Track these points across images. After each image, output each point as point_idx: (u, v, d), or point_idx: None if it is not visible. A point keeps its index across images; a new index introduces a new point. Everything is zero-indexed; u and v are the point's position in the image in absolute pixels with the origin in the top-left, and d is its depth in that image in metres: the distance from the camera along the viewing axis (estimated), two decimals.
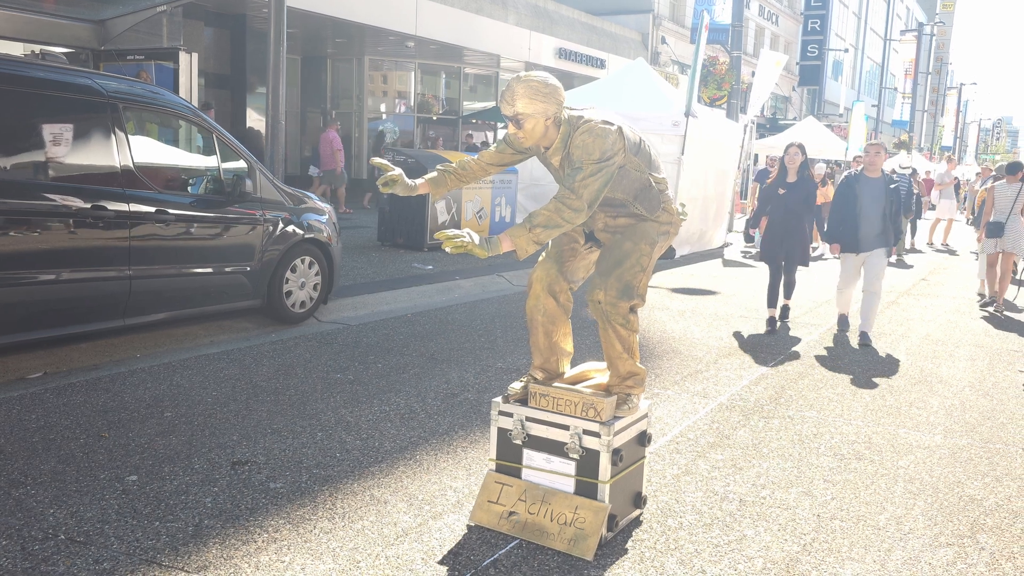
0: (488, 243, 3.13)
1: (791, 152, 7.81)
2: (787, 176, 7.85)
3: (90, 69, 6.62)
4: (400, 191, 3.61)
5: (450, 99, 23.61)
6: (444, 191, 3.72)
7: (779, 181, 7.92)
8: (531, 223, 3.17)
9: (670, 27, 31.20)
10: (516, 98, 3.19)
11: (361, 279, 9.00)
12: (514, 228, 3.19)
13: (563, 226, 3.20)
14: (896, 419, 5.28)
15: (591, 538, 3.26)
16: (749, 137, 17.26)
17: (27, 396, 4.82)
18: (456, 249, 3.08)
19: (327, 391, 5.23)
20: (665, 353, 6.73)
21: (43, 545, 3.13)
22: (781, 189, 7.85)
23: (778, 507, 3.84)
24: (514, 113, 3.23)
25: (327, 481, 3.86)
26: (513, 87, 3.21)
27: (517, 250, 3.18)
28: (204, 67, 14.76)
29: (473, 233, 3.12)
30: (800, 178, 7.80)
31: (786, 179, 7.84)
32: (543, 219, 3.17)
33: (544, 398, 3.48)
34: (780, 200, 7.82)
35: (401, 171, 3.61)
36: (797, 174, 7.83)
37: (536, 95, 3.18)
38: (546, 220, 3.17)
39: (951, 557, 3.44)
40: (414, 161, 11.61)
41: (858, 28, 54.82)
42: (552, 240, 3.56)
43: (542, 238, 3.19)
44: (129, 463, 3.94)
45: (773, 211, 7.96)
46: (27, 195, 5.13)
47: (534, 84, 3.19)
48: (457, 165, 3.67)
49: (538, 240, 3.19)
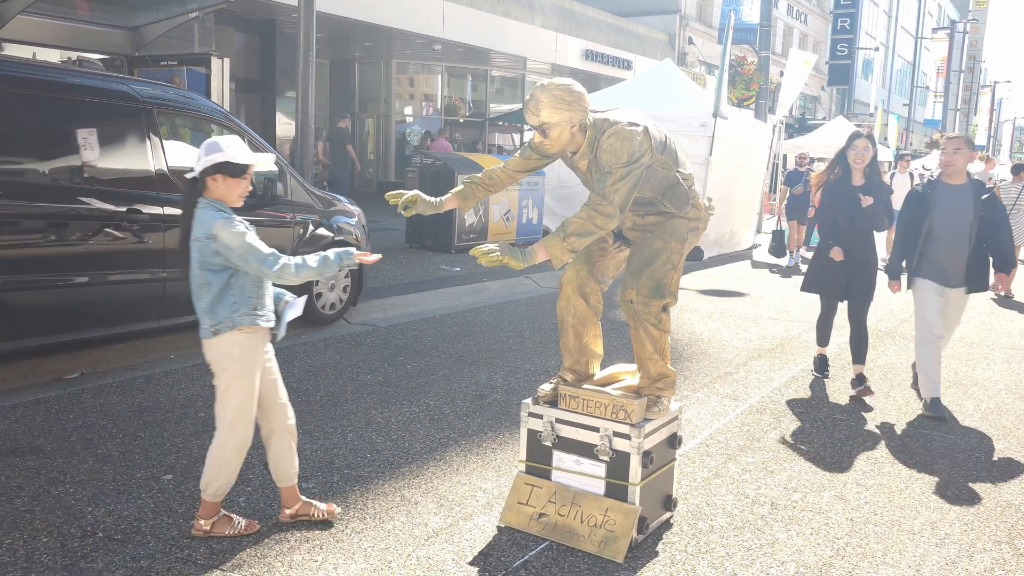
0: (523, 254, 3.14)
1: (859, 146, 5.62)
2: (851, 178, 5.68)
3: (125, 75, 6.73)
4: (424, 210, 3.56)
5: (477, 101, 23.68)
6: (472, 203, 3.69)
7: (838, 188, 5.70)
8: (565, 232, 3.17)
9: (697, 27, 31.03)
10: (541, 108, 3.20)
11: (390, 281, 9.06)
12: (548, 238, 3.20)
13: (596, 232, 3.20)
14: (931, 422, 5.21)
15: (621, 540, 3.26)
16: (778, 137, 17.11)
17: (65, 396, 4.91)
18: (491, 263, 3.10)
19: (357, 392, 5.27)
20: (694, 355, 6.69)
21: (82, 542, 3.19)
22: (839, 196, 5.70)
23: (810, 511, 3.80)
24: (539, 123, 3.23)
25: (358, 481, 3.89)
26: (537, 96, 3.21)
27: (552, 259, 3.19)
28: (235, 72, 14.92)
29: (505, 245, 3.14)
30: (870, 181, 5.64)
31: (850, 182, 5.67)
32: (576, 227, 3.17)
33: (574, 400, 3.48)
34: (843, 211, 5.64)
35: (417, 191, 3.58)
36: (865, 175, 5.65)
37: (560, 104, 3.19)
38: (579, 228, 3.17)
39: (988, 563, 3.38)
40: (441, 163, 11.66)
41: (889, 26, 54.11)
42: None
43: (576, 246, 3.20)
44: (164, 462, 4.00)
45: (826, 225, 5.82)
46: (65, 199, 5.23)
47: (558, 93, 3.19)
48: (484, 175, 3.67)
49: (572, 248, 3.20)
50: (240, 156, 3.12)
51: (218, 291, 3.11)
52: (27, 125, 5.14)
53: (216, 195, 3.14)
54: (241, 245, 3.05)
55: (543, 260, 3.19)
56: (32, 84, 5.11)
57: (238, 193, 3.17)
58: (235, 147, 3.13)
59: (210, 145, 3.13)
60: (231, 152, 3.10)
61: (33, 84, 5.12)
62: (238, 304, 3.12)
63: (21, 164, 5.16)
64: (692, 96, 13.50)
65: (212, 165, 3.08)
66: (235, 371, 3.18)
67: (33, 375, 5.27)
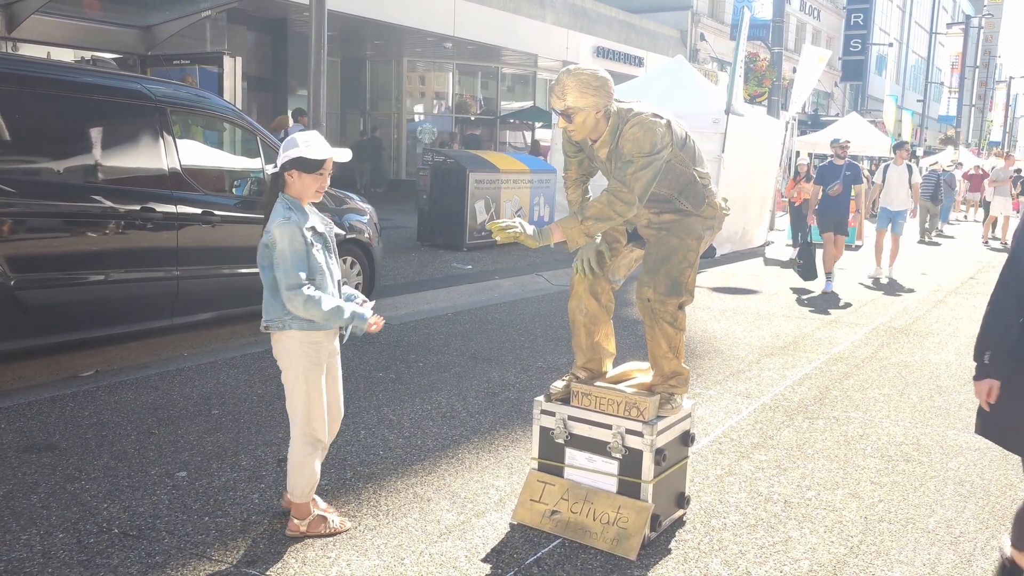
0: (539, 233, 3.16)
1: None
2: None
3: (138, 74, 6.77)
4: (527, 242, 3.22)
5: (488, 99, 23.67)
6: None
7: None
8: (583, 215, 3.18)
9: (709, 24, 30.90)
10: (567, 92, 3.18)
11: (402, 279, 9.07)
12: (565, 219, 3.21)
13: (614, 219, 3.21)
14: (945, 420, 5.17)
15: (634, 538, 3.25)
16: (790, 134, 17.03)
17: (80, 393, 4.95)
18: (507, 238, 3.12)
19: (369, 390, 5.28)
20: (707, 353, 6.67)
21: (98, 538, 3.22)
22: None
23: (824, 508, 3.79)
24: (564, 107, 3.21)
25: (371, 478, 3.91)
26: (563, 81, 3.19)
27: (568, 240, 3.20)
28: (247, 70, 15.00)
29: (525, 223, 3.15)
30: None
31: None
32: (595, 211, 3.18)
33: (586, 397, 3.48)
34: None
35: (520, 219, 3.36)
36: None
37: (587, 88, 3.17)
38: (598, 212, 3.18)
39: None
40: (453, 162, 11.66)
41: (903, 22, 53.72)
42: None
43: (592, 230, 3.21)
44: (179, 459, 4.02)
45: None
46: (79, 198, 5.27)
47: (584, 78, 3.18)
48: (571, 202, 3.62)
49: (588, 232, 3.20)
50: (314, 152, 3.11)
51: (271, 287, 3.14)
52: (42, 124, 5.18)
53: (293, 191, 3.16)
54: (281, 251, 3.04)
55: (559, 240, 3.20)
56: (47, 84, 5.15)
57: (314, 189, 3.17)
58: (312, 143, 3.13)
59: (289, 141, 3.14)
60: (305, 148, 3.10)
61: (48, 84, 5.15)
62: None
63: (36, 163, 5.20)
64: (704, 93, 13.44)
65: (288, 161, 3.10)
66: (296, 368, 3.18)
67: (49, 373, 5.31)
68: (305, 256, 3.08)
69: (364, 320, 3.18)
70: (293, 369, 3.19)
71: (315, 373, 3.20)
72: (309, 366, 3.18)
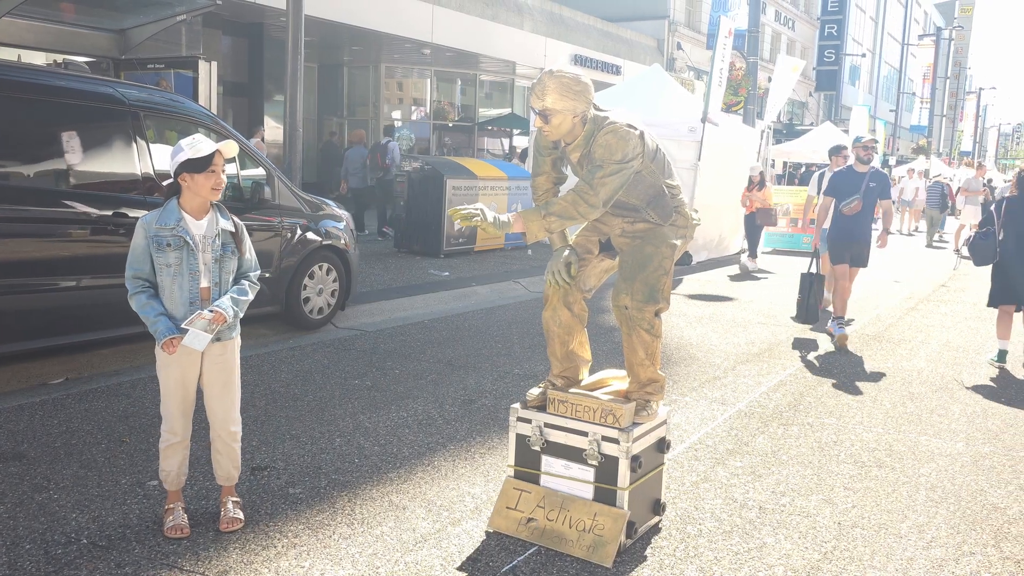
0: (500, 222, 3.18)
1: None
2: None
3: (112, 78, 6.69)
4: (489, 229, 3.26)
5: (466, 106, 23.68)
6: None
7: None
8: (547, 210, 3.21)
9: (686, 33, 31.16)
10: (547, 92, 3.19)
11: (378, 285, 9.03)
12: (528, 211, 3.23)
13: (576, 219, 3.24)
14: (917, 426, 5.23)
15: (610, 545, 3.25)
16: (766, 143, 17.20)
17: (49, 402, 4.87)
18: (465, 222, 3.13)
19: (345, 397, 5.24)
20: (683, 359, 6.70)
21: (66, 549, 3.16)
22: None
23: (798, 515, 3.81)
24: (543, 107, 3.22)
25: (346, 487, 3.87)
26: (545, 81, 3.20)
27: (527, 233, 3.22)
28: (222, 75, 14.88)
29: (487, 210, 3.16)
30: None
31: None
32: (559, 208, 3.21)
33: (563, 404, 3.47)
34: None
35: (482, 205, 3.30)
36: None
37: (567, 92, 3.18)
38: (562, 210, 3.21)
39: (975, 566, 3.40)
40: (430, 168, 11.65)
41: (875, 33, 54.51)
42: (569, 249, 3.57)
43: (554, 226, 3.23)
44: (150, 468, 3.96)
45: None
46: (50, 202, 5.19)
47: (566, 81, 3.19)
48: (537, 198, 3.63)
49: (549, 228, 3.23)
50: (200, 150, 3.14)
51: None
52: (12, 128, 5.10)
53: (190, 194, 3.20)
54: (131, 249, 3.21)
55: (518, 232, 3.23)
56: (17, 87, 5.07)
57: (209, 187, 3.20)
58: (197, 143, 3.17)
59: (175, 148, 3.19)
60: (190, 149, 3.14)
61: (18, 87, 5.08)
62: None
63: (5, 167, 5.12)
64: (681, 101, 13.55)
65: (178, 166, 3.15)
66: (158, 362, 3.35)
67: (17, 380, 5.22)
68: (142, 254, 3.19)
69: (162, 337, 3.18)
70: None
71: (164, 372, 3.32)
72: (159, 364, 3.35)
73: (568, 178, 3.62)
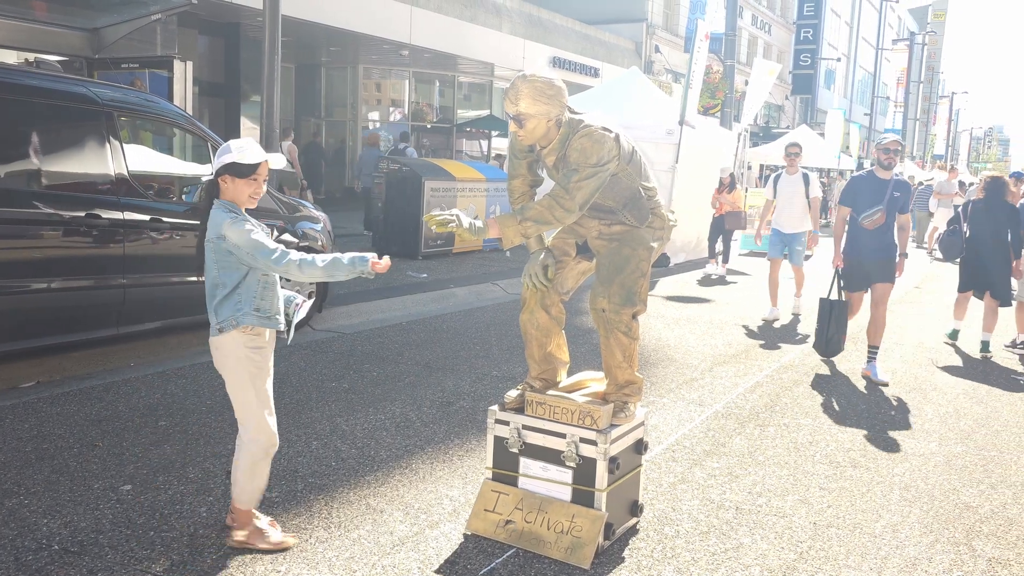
0: (475, 227, 3.19)
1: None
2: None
3: (85, 77, 6.61)
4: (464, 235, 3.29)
5: (444, 107, 23.64)
6: None
7: None
8: (523, 215, 3.21)
9: (663, 36, 31.32)
10: (520, 97, 3.18)
11: (356, 287, 8.98)
12: (504, 216, 3.22)
13: (552, 224, 3.25)
14: (891, 427, 5.29)
15: (588, 546, 3.25)
16: (743, 145, 17.33)
17: (20, 405, 4.79)
18: (441, 228, 3.15)
19: (322, 400, 5.21)
20: (660, 361, 6.73)
21: (37, 555, 3.11)
22: None
23: (774, 515, 3.83)
24: (517, 112, 3.21)
25: (322, 490, 3.85)
26: (518, 86, 3.19)
27: (503, 238, 3.23)
28: (198, 75, 14.75)
29: (463, 215, 3.16)
30: None
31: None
32: (535, 213, 3.21)
33: (541, 406, 3.47)
34: None
35: (458, 210, 3.33)
36: None
37: (540, 96, 3.18)
38: (538, 215, 3.21)
39: (947, 564, 3.44)
40: (408, 170, 11.61)
41: (850, 37, 55.10)
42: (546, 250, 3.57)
43: (530, 232, 3.24)
44: (123, 472, 3.91)
45: None
46: (21, 203, 5.11)
47: (539, 85, 3.18)
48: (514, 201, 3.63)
49: (525, 233, 3.24)
50: (247, 157, 3.10)
51: (229, 291, 3.12)
52: None
53: (227, 196, 3.14)
54: (248, 243, 3.05)
55: (494, 237, 3.23)
56: None
57: (248, 194, 3.15)
58: (246, 148, 3.12)
59: (223, 148, 3.14)
60: (238, 154, 3.09)
61: None
62: (241, 303, 3.12)
63: None
64: (659, 104, 13.61)
65: (222, 166, 3.10)
66: (242, 372, 3.14)
67: None
68: (268, 237, 3.12)
69: (365, 262, 3.11)
70: (236, 374, 3.15)
71: (260, 378, 3.18)
72: (255, 371, 3.15)
73: (544, 181, 3.63)
